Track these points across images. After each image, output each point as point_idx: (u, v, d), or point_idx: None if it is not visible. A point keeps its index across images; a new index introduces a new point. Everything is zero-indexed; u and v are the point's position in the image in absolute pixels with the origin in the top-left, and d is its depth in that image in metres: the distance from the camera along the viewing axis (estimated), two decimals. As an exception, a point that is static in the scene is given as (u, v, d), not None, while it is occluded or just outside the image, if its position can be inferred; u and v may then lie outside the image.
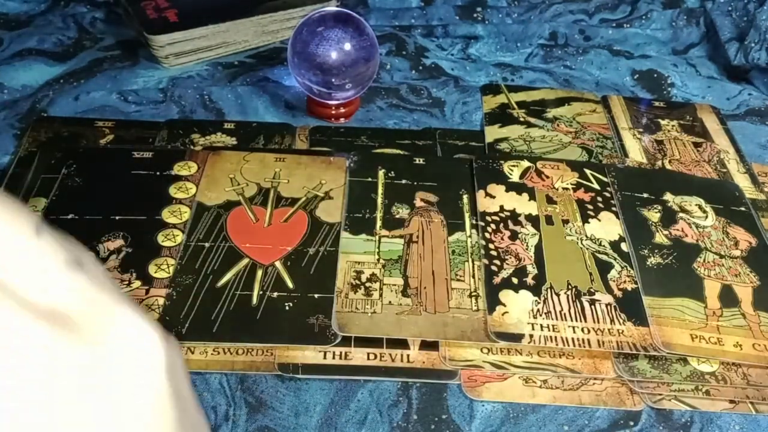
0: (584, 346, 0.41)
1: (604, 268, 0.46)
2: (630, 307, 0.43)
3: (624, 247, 0.47)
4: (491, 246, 0.46)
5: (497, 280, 0.44)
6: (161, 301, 0.42)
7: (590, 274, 0.45)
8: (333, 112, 0.58)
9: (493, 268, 0.45)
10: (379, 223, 0.48)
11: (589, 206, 0.50)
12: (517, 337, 0.41)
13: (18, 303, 0.14)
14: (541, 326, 0.41)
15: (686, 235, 0.49)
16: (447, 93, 0.63)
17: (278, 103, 0.60)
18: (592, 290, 0.44)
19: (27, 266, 0.15)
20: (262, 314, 0.42)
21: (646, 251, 0.47)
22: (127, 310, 0.16)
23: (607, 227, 0.49)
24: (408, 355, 0.41)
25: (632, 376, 0.40)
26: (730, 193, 0.53)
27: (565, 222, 0.49)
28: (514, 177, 0.52)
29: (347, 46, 0.53)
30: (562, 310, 0.43)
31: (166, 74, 0.62)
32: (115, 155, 0.52)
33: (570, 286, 0.44)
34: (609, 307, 0.43)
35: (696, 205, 0.51)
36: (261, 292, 0.43)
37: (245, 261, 0.45)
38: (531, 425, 0.38)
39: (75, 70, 0.62)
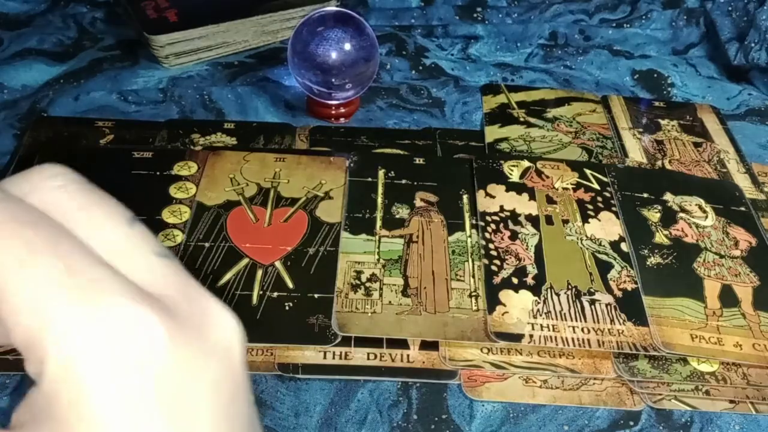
0: (584, 346, 0.41)
1: (604, 268, 0.46)
2: (630, 307, 0.43)
3: (624, 247, 0.47)
4: (491, 246, 0.46)
5: (497, 280, 0.44)
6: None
7: (590, 274, 0.45)
8: (333, 112, 0.58)
9: (493, 268, 0.45)
10: (379, 223, 0.48)
11: (589, 206, 0.50)
12: (517, 337, 0.41)
13: (123, 285, 0.14)
14: (541, 326, 0.41)
15: (686, 235, 0.49)
16: (447, 93, 0.63)
17: (278, 103, 0.60)
18: (592, 290, 0.44)
19: (124, 252, 0.15)
20: (262, 314, 0.42)
21: (646, 251, 0.47)
22: (210, 298, 0.16)
23: (607, 227, 0.49)
24: (408, 355, 0.41)
25: (632, 376, 0.40)
26: (730, 193, 0.53)
27: (565, 222, 0.49)
28: (514, 177, 0.52)
29: (347, 46, 0.53)
30: (562, 310, 0.43)
31: (166, 74, 0.62)
32: (115, 155, 0.52)
33: (570, 286, 0.44)
34: (609, 307, 0.43)
35: (696, 205, 0.51)
36: (261, 292, 0.43)
37: (245, 261, 0.45)
38: (531, 425, 0.38)
39: (75, 70, 0.62)
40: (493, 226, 0.48)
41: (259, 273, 0.44)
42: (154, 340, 0.14)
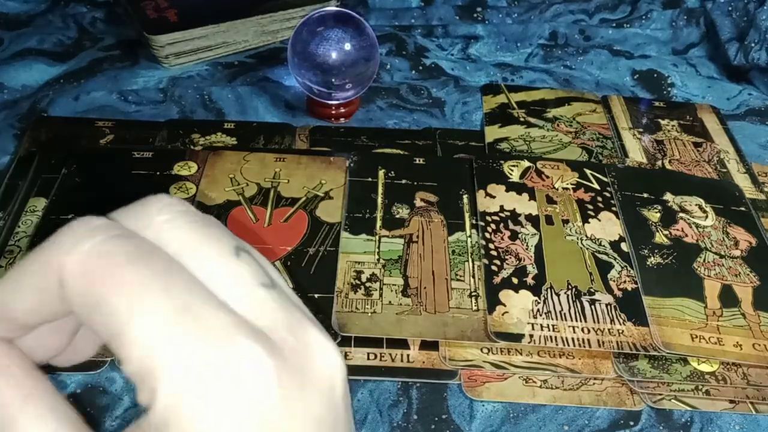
0: (584, 346, 0.41)
1: (604, 268, 0.46)
2: (630, 307, 0.43)
3: (624, 247, 0.47)
4: (491, 246, 0.46)
5: (497, 280, 0.44)
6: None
7: (590, 274, 0.45)
8: (333, 112, 0.58)
9: (493, 268, 0.45)
10: (379, 223, 0.48)
11: (589, 206, 0.50)
12: (517, 337, 0.41)
13: (232, 321, 0.14)
14: (541, 326, 0.41)
15: (686, 235, 0.49)
16: (447, 93, 0.63)
17: (278, 103, 0.60)
18: (592, 290, 0.44)
19: (230, 284, 0.15)
20: (262, 314, 0.41)
21: (646, 251, 0.47)
22: (314, 329, 0.16)
23: (607, 227, 0.49)
24: (408, 355, 0.41)
25: (632, 376, 0.40)
26: (730, 193, 0.53)
27: (565, 222, 0.49)
28: (514, 177, 0.52)
29: (347, 46, 0.53)
30: (562, 310, 0.43)
31: (166, 74, 0.62)
32: (115, 155, 0.52)
33: (570, 286, 0.44)
34: (609, 307, 0.43)
35: (696, 205, 0.51)
36: (261, 292, 0.43)
37: (245, 261, 0.45)
38: (531, 425, 0.38)
39: (75, 70, 0.62)
40: (493, 226, 0.48)
41: (259, 273, 0.44)
42: (262, 376, 0.14)
